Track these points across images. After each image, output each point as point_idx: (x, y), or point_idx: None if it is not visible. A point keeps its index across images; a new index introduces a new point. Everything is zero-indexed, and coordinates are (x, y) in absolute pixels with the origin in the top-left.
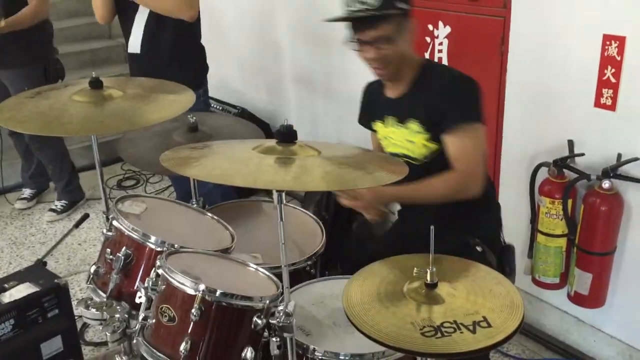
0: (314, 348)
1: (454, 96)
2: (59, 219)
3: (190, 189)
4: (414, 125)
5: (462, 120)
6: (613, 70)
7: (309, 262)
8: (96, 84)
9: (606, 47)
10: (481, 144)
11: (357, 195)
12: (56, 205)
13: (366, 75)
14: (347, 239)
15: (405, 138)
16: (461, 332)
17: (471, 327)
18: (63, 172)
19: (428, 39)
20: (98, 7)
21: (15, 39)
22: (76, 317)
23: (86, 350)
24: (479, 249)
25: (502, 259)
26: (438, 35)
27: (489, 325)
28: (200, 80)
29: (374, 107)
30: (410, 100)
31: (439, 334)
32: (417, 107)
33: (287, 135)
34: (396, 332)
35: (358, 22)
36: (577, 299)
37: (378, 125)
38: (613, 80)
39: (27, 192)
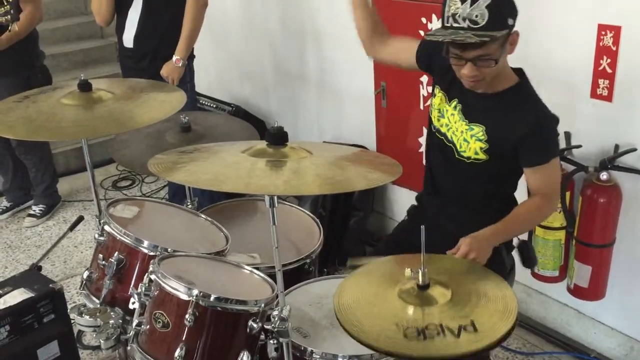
0: (312, 350)
1: (541, 137)
2: (38, 223)
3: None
4: (479, 131)
5: (547, 159)
6: (609, 60)
7: (307, 261)
8: (85, 87)
9: (601, 37)
10: (559, 173)
11: (470, 251)
12: (34, 210)
13: (360, 69)
14: (345, 235)
15: (462, 134)
16: (444, 336)
17: (456, 331)
18: (45, 176)
19: (422, 32)
20: (101, 11)
21: None
22: (72, 321)
23: (84, 355)
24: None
25: (522, 253)
26: (432, 29)
27: (475, 330)
28: (190, 75)
29: (447, 75)
30: (489, 107)
31: (421, 336)
32: (492, 118)
33: (277, 138)
34: (378, 332)
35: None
36: (577, 291)
37: (439, 94)
38: (609, 70)
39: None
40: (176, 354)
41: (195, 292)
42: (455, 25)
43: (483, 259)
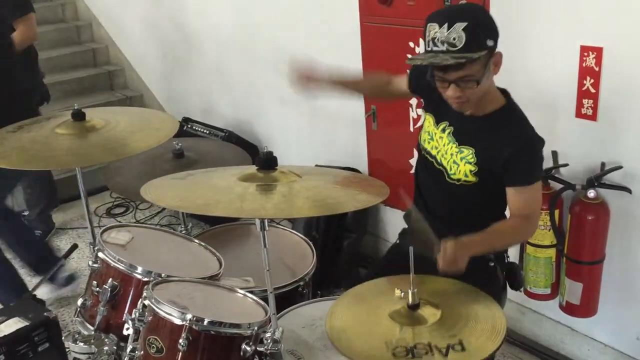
0: None
1: (527, 158)
2: None
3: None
4: (468, 154)
5: (530, 181)
6: (592, 80)
7: (301, 284)
8: (78, 116)
9: (584, 58)
10: (540, 197)
11: (446, 259)
12: None
13: None
14: (339, 257)
15: (452, 156)
16: (432, 355)
17: (444, 350)
18: (41, 198)
19: (410, 55)
20: None
21: None
22: (67, 350)
23: None
24: (491, 264)
25: (509, 275)
26: (419, 53)
27: (463, 349)
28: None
29: (434, 97)
30: (478, 130)
31: (409, 355)
32: (481, 141)
33: (267, 162)
34: (367, 350)
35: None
36: (569, 308)
37: (429, 119)
38: (592, 90)
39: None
40: None
41: (188, 316)
42: (435, 48)
43: (462, 266)
